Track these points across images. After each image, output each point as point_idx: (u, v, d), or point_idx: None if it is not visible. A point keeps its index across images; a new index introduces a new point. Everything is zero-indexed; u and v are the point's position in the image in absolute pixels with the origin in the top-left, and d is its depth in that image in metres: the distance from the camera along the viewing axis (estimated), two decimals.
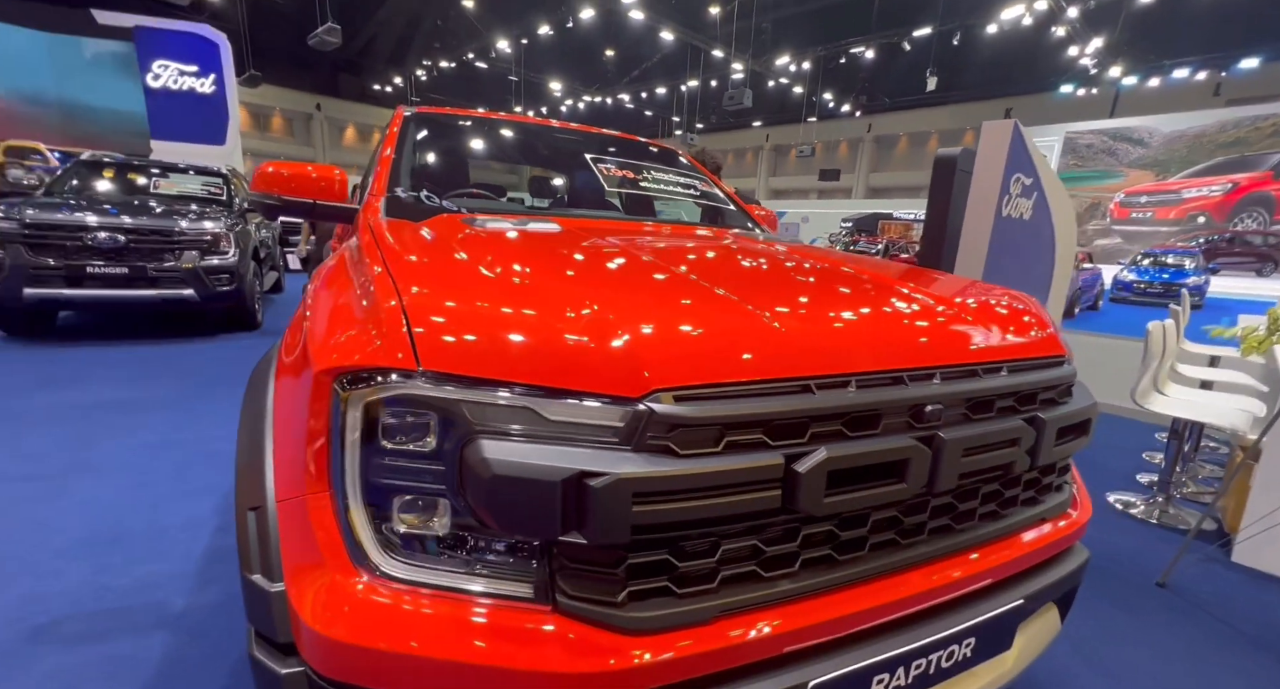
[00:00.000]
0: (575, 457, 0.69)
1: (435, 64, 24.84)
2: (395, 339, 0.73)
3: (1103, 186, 11.71)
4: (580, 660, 0.70)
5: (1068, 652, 1.88)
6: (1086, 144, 11.98)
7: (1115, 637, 1.97)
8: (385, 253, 1.04)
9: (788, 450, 0.78)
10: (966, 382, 0.96)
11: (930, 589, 0.93)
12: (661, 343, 0.77)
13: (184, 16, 17.68)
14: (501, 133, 2.31)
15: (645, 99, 29.08)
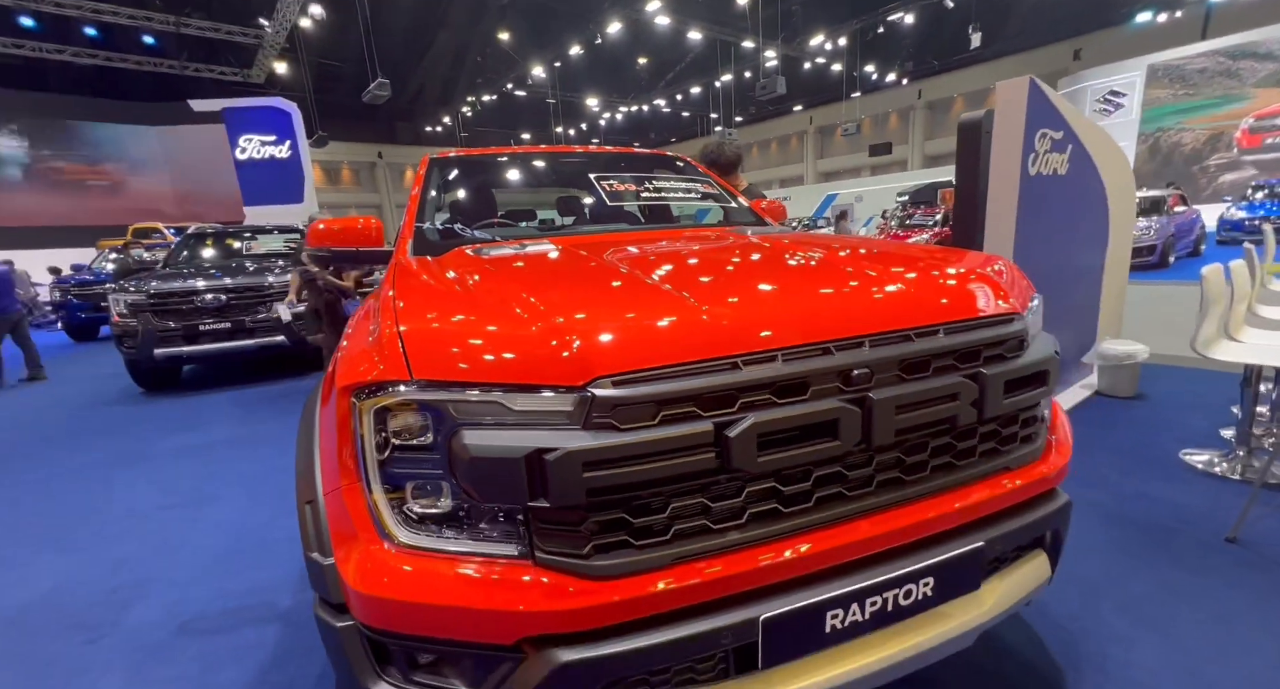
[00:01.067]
0: (534, 437, 0.86)
1: (479, 99, 26.20)
2: (394, 357, 0.93)
3: (1224, 114, 10.51)
4: (555, 601, 0.87)
5: (1113, 610, 1.84)
6: (1199, 70, 10.77)
7: (1171, 594, 1.91)
8: (397, 287, 1.27)
9: (718, 419, 0.91)
10: (897, 346, 1.05)
11: (881, 535, 1.03)
12: (601, 339, 0.93)
13: (260, 92, 19.76)
14: (517, 165, 2.56)
15: (681, 101, 29.23)
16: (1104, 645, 1.71)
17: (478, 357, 0.93)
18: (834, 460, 1.02)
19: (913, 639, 1.07)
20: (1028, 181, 3.10)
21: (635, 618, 0.89)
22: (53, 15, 16.75)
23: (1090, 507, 2.52)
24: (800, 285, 1.18)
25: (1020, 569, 1.24)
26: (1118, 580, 2.01)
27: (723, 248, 1.56)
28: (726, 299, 1.06)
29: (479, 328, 1.00)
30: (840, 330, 1.03)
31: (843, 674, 1.00)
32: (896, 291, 1.16)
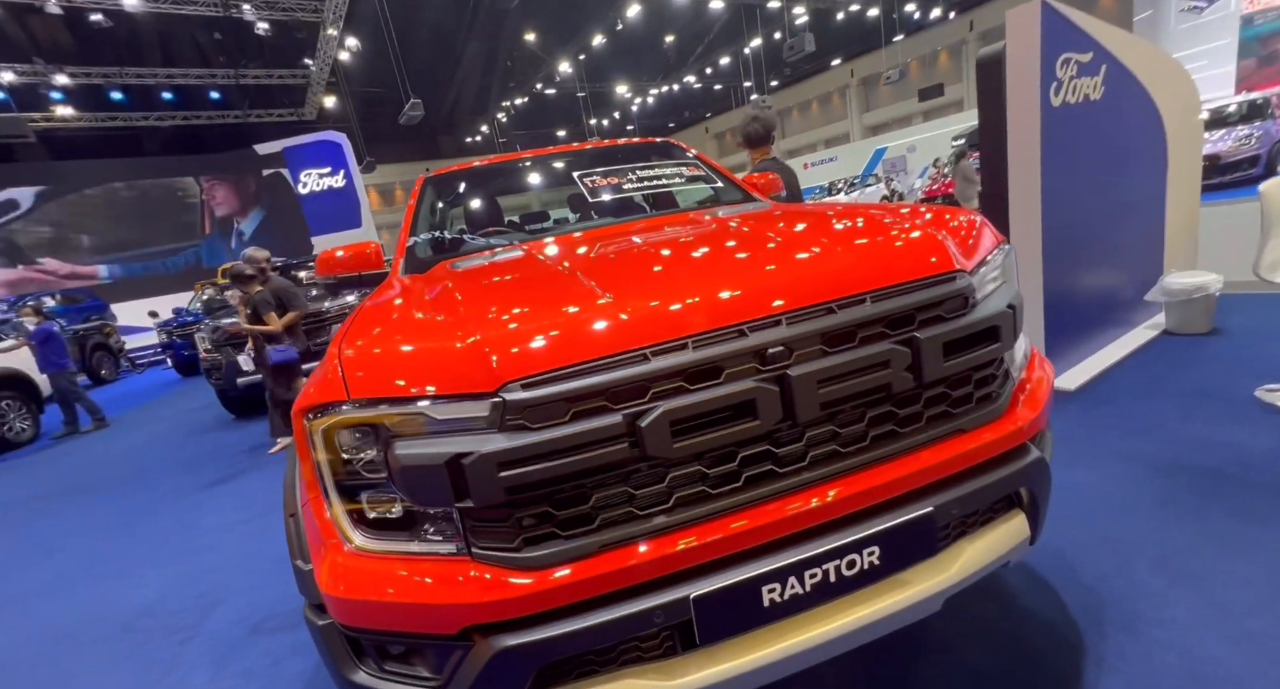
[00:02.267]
0: (452, 443, 0.93)
1: (512, 103, 26.69)
2: (334, 380, 1.03)
3: None
4: (491, 593, 0.94)
5: (1150, 567, 1.73)
6: None
7: (1220, 546, 1.76)
8: (360, 310, 1.38)
9: (628, 411, 0.95)
10: (818, 320, 1.04)
11: (819, 508, 1.03)
12: (509, 345, 0.99)
13: (313, 128, 21.06)
14: (503, 173, 2.64)
15: (711, 74, 28.50)
16: (1134, 604, 1.61)
17: (406, 373, 1.01)
18: (760, 439, 1.03)
19: (870, 608, 1.07)
20: (1051, 113, 2.86)
21: (568, 603, 0.95)
22: (136, 86, 18.62)
23: (1133, 459, 2.34)
24: (721, 269, 1.18)
25: (993, 531, 1.20)
26: (1158, 536, 1.87)
27: (669, 237, 1.57)
28: (642, 293, 1.09)
29: (410, 345, 1.08)
30: (755, 311, 1.04)
31: (795, 645, 1.02)
32: (820, 265, 1.14)
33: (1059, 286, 3.10)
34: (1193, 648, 1.44)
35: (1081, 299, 3.33)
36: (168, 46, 18.60)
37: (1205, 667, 1.39)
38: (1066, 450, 2.51)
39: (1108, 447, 2.48)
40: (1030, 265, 3.01)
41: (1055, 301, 3.08)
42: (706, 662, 1.01)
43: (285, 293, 4.81)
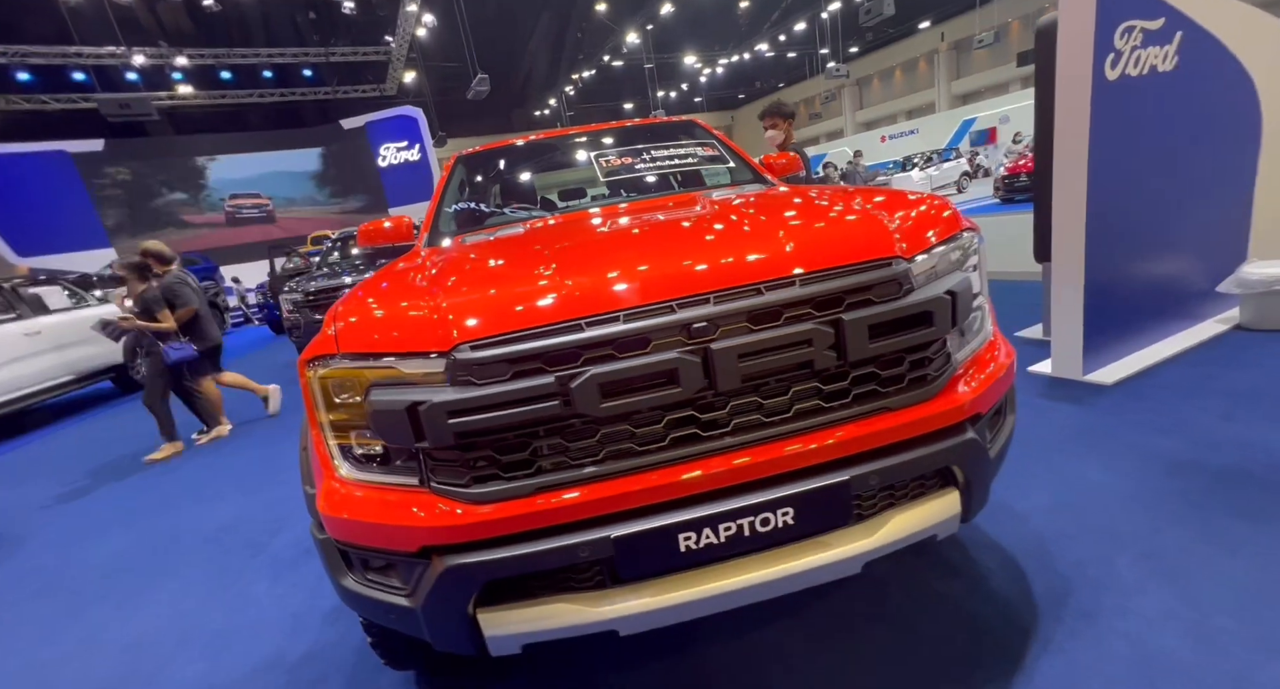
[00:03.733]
0: (414, 393, 1.11)
1: (581, 76, 26.75)
2: (328, 337, 1.24)
3: None
4: (443, 520, 1.12)
5: (1132, 560, 1.71)
6: None
7: (1212, 544, 1.71)
8: (370, 277, 1.59)
9: (560, 373, 1.09)
10: (745, 299, 1.13)
11: (738, 469, 1.14)
12: (464, 312, 1.15)
13: (392, 103, 22.12)
14: (527, 152, 2.80)
15: (785, 42, 27.24)
16: (1102, 594, 1.61)
17: (383, 333, 1.20)
18: (684, 405, 1.15)
19: (786, 563, 1.18)
20: (1106, 88, 2.67)
21: (507, 534, 1.12)
22: (241, 66, 20.24)
23: (1153, 456, 2.25)
24: (667, 249, 1.28)
25: (923, 505, 1.27)
26: (1151, 531, 1.83)
27: (644, 218, 1.68)
28: (590, 269, 1.22)
29: (390, 309, 1.27)
30: (686, 288, 1.14)
31: (712, 589, 1.15)
32: (756, 247, 1.22)
33: (1106, 274, 2.92)
34: (1147, 638, 1.45)
35: (1135, 288, 3.12)
36: (268, 27, 20.00)
37: (1153, 656, 1.40)
38: (1081, 444, 2.44)
39: (1128, 442, 2.38)
40: (1070, 250, 2.85)
41: (1100, 290, 2.92)
42: (629, 595, 1.16)
43: (174, 290, 4.61)
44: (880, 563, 1.85)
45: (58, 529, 3.55)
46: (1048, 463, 2.35)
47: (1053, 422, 2.69)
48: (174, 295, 4.55)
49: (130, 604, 2.50)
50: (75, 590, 2.71)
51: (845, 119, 34.96)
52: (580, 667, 1.69)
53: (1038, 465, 2.34)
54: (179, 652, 2.11)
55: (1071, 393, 2.94)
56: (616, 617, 1.15)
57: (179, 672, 2.00)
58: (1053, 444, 2.49)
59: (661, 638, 1.72)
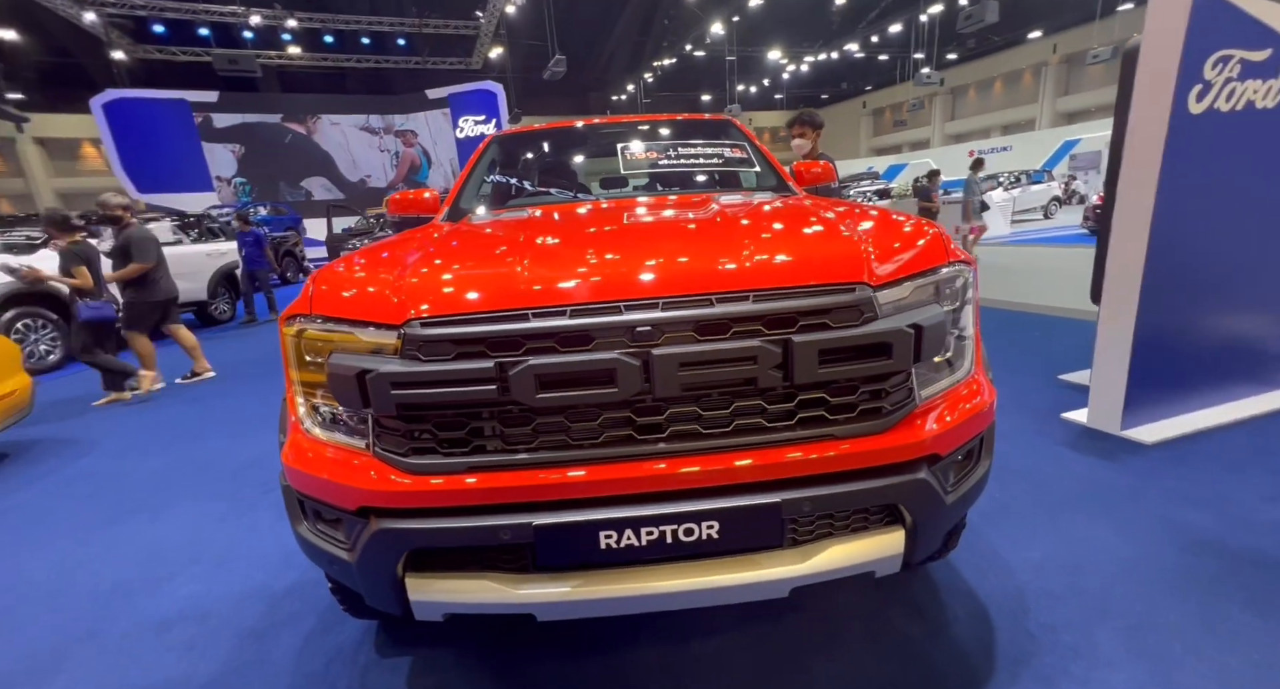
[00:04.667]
0: (365, 361, 1.17)
1: (660, 64, 26.60)
2: (305, 297, 1.31)
3: None
4: (380, 484, 1.18)
5: (1114, 632, 1.59)
6: None
7: (1209, 631, 1.56)
8: (368, 246, 1.66)
9: (501, 360, 1.12)
10: (694, 309, 1.12)
11: (667, 476, 1.14)
12: (422, 290, 1.19)
13: (477, 77, 22.75)
14: (559, 138, 2.83)
15: (878, 43, 26.08)
16: (1070, 661, 1.51)
17: (351, 300, 1.26)
18: (620, 406, 1.15)
19: (711, 576, 1.18)
20: (1187, 121, 2.43)
21: (437, 506, 1.17)
22: (344, 31, 21.34)
23: (1174, 528, 2.07)
24: (633, 249, 1.29)
25: (863, 540, 1.23)
26: (1144, 606, 1.69)
27: (637, 217, 1.67)
28: (552, 263, 1.23)
29: (362, 278, 1.32)
30: (636, 292, 1.14)
31: (630, 589, 1.17)
32: (716, 257, 1.20)
33: (1161, 322, 2.68)
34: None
35: (1195, 342, 2.85)
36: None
37: None
38: (1097, 503, 2.27)
39: (1151, 509, 2.20)
40: (1123, 291, 2.64)
41: (1152, 339, 2.68)
42: (549, 583, 1.19)
43: (137, 243, 4.62)
44: (843, 594, 1.82)
45: (118, 441, 3.93)
46: (1054, 517, 2.20)
47: (1072, 474, 2.51)
48: (136, 248, 4.62)
49: (156, 519, 2.75)
50: (115, 499, 3.01)
51: (933, 129, 33.27)
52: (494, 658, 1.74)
53: (1041, 518, 2.20)
54: (184, 569, 2.31)
55: (1102, 447, 2.73)
56: (534, 602, 1.18)
57: (178, 589, 2.18)
58: (1065, 498, 2.33)
59: (592, 652, 1.75)
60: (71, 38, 21.67)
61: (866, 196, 19.02)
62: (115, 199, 4.78)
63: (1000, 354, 4.37)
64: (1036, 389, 3.56)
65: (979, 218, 8.92)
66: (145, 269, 4.71)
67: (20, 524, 2.81)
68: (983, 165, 9.10)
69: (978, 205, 8.87)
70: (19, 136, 25.82)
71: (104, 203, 4.74)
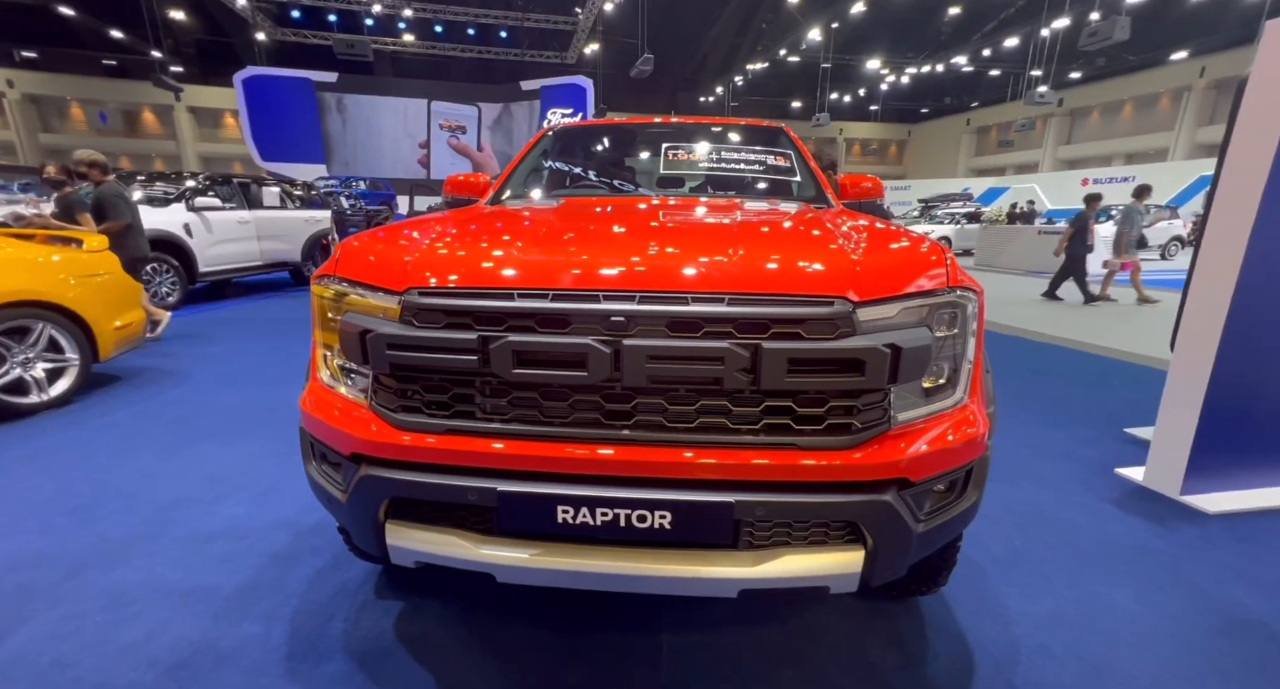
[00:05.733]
0: (368, 322, 1.28)
1: (752, 68, 26.26)
2: (333, 259, 1.45)
3: None
4: (370, 434, 1.29)
5: None
6: None
7: None
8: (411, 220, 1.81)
9: (484, 334, 1.20)
10: (670, 305, 1.16)
11: (627, 462, 1.19)
12: (427, 262, 1.29)
13: (570, 71, 23.41)
14: (607, 134, 2.91)
15: (990, 57, 24.47)
16: None
17: (369, 266, 1.38)
18: (590, 390, 1.21)
19: (663, 565, 1.21)
20: None
21: (416, 460, 1.27)
22: (452, 22, 22.62)
23: (1213, 605, 1.89)
24: (630, 244, 1.33)
25: (820, 553, 1.23)
26: (1150, 680, 1.56)
27: (653, 215, 1.71)
28: (550, 250, 1.31)
29: (380, 248, 1.45)
30: (617, 284, 1.19)
31: (582, 564, 1.23)
32: (703, 259, 1.23)
33: (1245, 380, 2.42)
34: None
35: None
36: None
37: None
38: (1129, 566, 2.10)
39: (1193, 582, 2.00)
40: (1198, 342, 2.40)
41: (1229, 398, 2.43)
42: (509, 547, 1.27)
43: (110, 201, 4.64)
44: (826, 613, 1.80)
45: (208, 376, 4.42)
46: (1074, 574, 2.05)
47: (1108, 532, 2.32)
48: (109, 206, 4.72)
49: (224, 448, 3.09)
50: (195, 426, 3.40)
51: (1043, 152, 30.87)
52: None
53: (1060, 573, 2.06)
54: (235, 492, 2.59)
55: (1153, 509, 2.49)
56: (493, 562, 1.27)
57: (227, 509, 2.46)
58: (1093, 556, 2.16)
59: (565, 628, 1.81)
60: (225, 18, 24.16)
61: (954, 219, 17.98)
62: (85, 155, 4.84)
63: (1067, 399, 4.07)
64: (1096, 439, 3.29)
65: (1133, 252, 7.97)
66: (122, 226, 4.82)
67: (117, 438, 3.23)
68: (1099, 200, 8.27)
69: (1134, 239, 7.92)
70: (176, 105, 29.22)
71: (76, 159, 4.82)
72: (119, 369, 4.54)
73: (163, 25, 23.48)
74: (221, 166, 28.93)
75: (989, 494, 2.55)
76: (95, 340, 3.89)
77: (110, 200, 4.83)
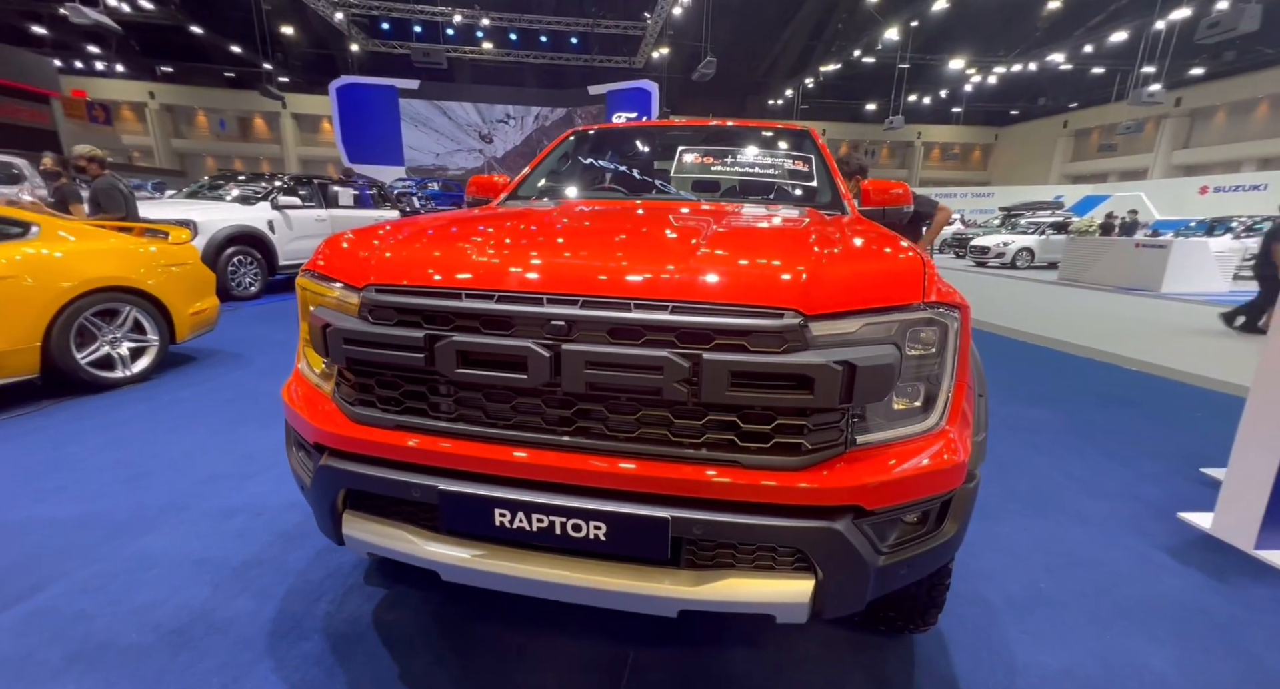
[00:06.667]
0: (331, 316, 1.32)
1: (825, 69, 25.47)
2: (315, 254, 1.51)
3: None
4: (330, 426, 1.33)
5: None
6: None
7: None
8: None
9: (431, 332, 1.21)
10: (611, 310, 1.12)
11: (563, 469, 1.16)
12: (389, 259, 1.32)
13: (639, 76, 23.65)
14: (629, 136, 2.88)
15: (1092, 53, 22.50)
16: None
17: (338, 261, 1.42)
18: (531, 394, 1.19)
19: (602, 578, 1.18)
20: None
21: (367, 454, 1.30)
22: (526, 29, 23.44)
23: (1267, 677, 1.61)
24: (589, 248, 1.31)
25: (766, 579, 1.16)
26: None
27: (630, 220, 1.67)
28: (508, 250, 1.30)
29: (353, 244, 1.48)
30: (562, 287, 1.17)
31: (518, 570, 1.21)
32: (652, 265, 1.19)
33: None
34: None
35: None
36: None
37: None
38: (1173, 625, 1.85)
39: (1250, 652, 1.73)
40: None
41: None
42: (453, 546, 1.27)
43: (106, 192, 4.82)
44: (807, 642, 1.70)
45: (266, 362, 4.76)
46: (1103, 626, 1.83)
47: (1154, 584, 2.05)
48: (104, 198, 4.94)
49: (264, 430, 3.31)
50: (244, 408, 3.66)
51: (1154, 157, 28.06)
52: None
53: (1086, 623, 1.84)
54: (263, 472, 2.77)
55: (1217, 562, 2.18)
56: (438, 560, 1.27)
57: (252, 487, 2.63)
58: (1130, 608, 1.92)
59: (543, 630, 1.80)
60: (326, 32, 26.13)
61: (1039, 228, 16.65)
62: (82, 149, 5.13)
63: (1142, 431, 3.65)
64: (1163, 477, 2.93)
65: None
66: (116, 217, 4.98)
67: (178, 415, 3.54)
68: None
69: None
70: (282, 112, 31.97)
71: (75, 153, 5.16)
72: (193, 350, 4.98)
73: (273, 40, 25.72)
74: (317, 168, 31.35)
75: (1012, 528, 2.36)
76: (173, 324, 4.29)
77: (106, 192, 5.13)
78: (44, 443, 3.06)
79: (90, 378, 3.84)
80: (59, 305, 3.62)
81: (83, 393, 3.79)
